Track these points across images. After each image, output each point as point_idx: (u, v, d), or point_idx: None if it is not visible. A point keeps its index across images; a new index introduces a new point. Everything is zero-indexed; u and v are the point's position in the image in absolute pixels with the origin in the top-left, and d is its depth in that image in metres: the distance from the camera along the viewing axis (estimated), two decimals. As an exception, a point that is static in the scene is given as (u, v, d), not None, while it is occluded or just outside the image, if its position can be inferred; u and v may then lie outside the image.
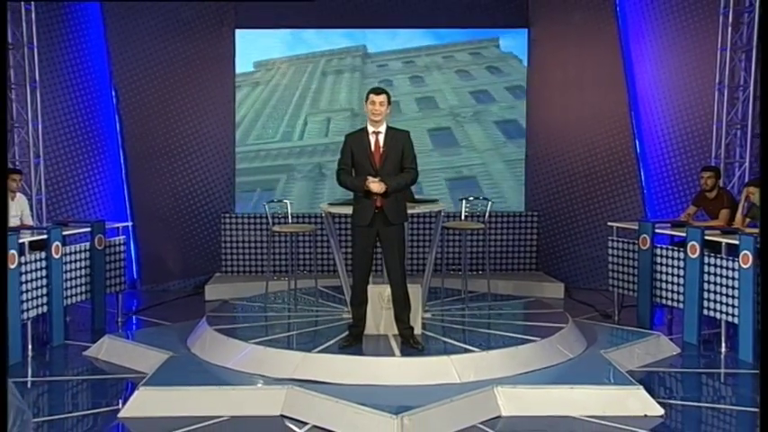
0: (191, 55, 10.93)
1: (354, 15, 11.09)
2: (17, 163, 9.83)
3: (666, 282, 8.67)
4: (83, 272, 8.76)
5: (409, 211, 7.02)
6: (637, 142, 10.65)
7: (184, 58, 10.89)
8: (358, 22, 11.17)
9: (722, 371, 7.59)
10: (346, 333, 7.05)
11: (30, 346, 7.93)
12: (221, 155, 11.19)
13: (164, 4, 10.68)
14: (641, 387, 6.32)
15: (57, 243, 8.26)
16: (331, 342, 7.01)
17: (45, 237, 8.19)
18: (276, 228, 9.16)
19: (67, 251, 8.50)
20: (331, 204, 7.75)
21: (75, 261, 8.65)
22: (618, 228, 9.44)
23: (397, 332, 6.97)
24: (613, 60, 10.60)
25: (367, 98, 6.75)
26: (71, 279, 8.56)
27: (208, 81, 11.07)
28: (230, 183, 11.23)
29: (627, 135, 10.66)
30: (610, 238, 9.50)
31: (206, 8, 10.95)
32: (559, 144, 11.09)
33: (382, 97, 6.67)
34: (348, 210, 7.02)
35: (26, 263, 7.83)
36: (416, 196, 8.16)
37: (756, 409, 6.57)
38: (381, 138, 6.70)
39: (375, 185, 6.52)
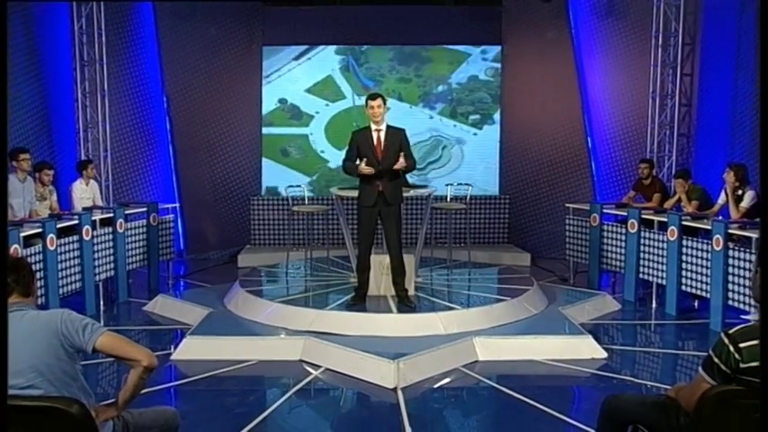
0: (226, 67, 10.90)
1: (354, 34, 11.05)
2: (90, 155, 9.84)
3: (611, 251, 8.73)
4: (141, 243, 8.81)
5: (404, 195, 7.04)
6: (588, 139, 10.63)
7: (221, 70, 10.86)
8: (356, 39, 11.13)
9: (652, 322, 7.67)
10: (353, 294, 7.06)
11: (101, 303, 8.02)
12: (250, 149, 11.16)
13: (207, 27, 10.67)
14: (590, 336, 6.42)
15: (120, 220, 8.33)
16: (340, 301, 7.06)
17: (112, 215, 8.27)
18: (295, 208, 9.19)
19: (129, 227, 8.54)
20: (340, 189, 7.77)
21: (135, 235, 8.70)
22: (573, 208, 9.46)
23: (394, 293, 7.00)
24: (570, 73, 10.58)
25: (366, 104, 6.77)
26: (132, 249, 8.61)
27: (239, 89, 11.03)
28: (258, 171, 11.23)
29: (580, 133, 10.66)
30: (567, 216, 9.53)
31: (238, 29, 10.93)
32: (527, 140, 11.06)
33: (378, 101, 6.66)
34: (354, 193, 7.04)
35: (97, 236, 7.91)
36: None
37: (677, 351, 6.72)
38: (382, 134, 6.71)
39: (401, 162, 6.56)
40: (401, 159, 6.57)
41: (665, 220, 7.84)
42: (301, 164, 11.27)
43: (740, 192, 7.54)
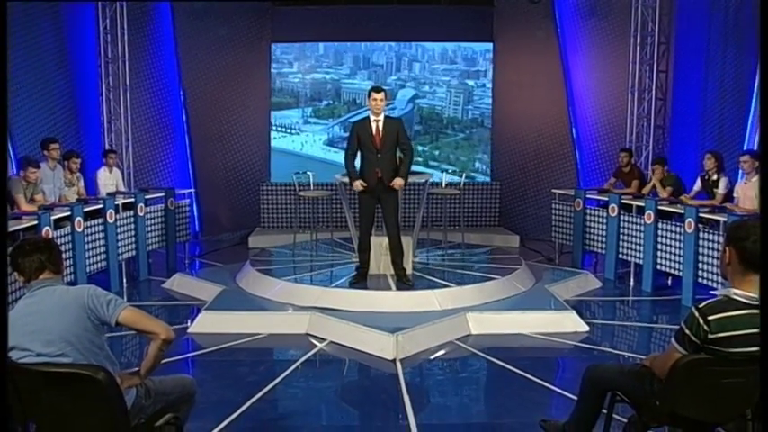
0: (238, 63, 10.87)
1: (355, 32, 11.02)
2: (113, 145, 9.84)
3: (593, 234, 8.74)
4: (159, 226, 8.82)
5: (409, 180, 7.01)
6: (573, 130, 10.60)
7: (233, 65, 10.83)
8: (357, 37, 11.10)
9: (630, 298, 7.71)
10: (355, 273, 7.08)
11: (124, 280, 8.06)
12: (259, 139, 11.16)
13: (220, 25, 10.63)
14: (573, 311, 6.46)
15: (141, 204, 8.35)
16: (343, 279, 7.08)
17: (133, 200, 8.29)
18: (301, 193, 9.20)
19: (149, 210, 8.56)
20: (343, 175, 7.76)
21: (154, 218, 8.71)
22: (559, 194, 9.46)
23: (393, 272, 7.02)
24: (556, 69, 10.55)
25: (369, 95, 6.72)
26: (151, 231, 8.62)
27: (250, 83, 11.00)
28: (266, 159, 11.22)
29: (565, 124, 10.63)
30: (553, 201, 9.53)
31: (249, 27, 10.91)
32: (516, 130, 11.05)
33: (381, 95, 6.64)
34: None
35: (120, 219, 7.93)
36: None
37: (652, 325, 6.76)
38: (381, 124, 6.67)
39: (398, 183, 6.60)
40: (398, 182, 6.61)
41: (643, 204, 7.87)
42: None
43: (715, 177, 7.57)
